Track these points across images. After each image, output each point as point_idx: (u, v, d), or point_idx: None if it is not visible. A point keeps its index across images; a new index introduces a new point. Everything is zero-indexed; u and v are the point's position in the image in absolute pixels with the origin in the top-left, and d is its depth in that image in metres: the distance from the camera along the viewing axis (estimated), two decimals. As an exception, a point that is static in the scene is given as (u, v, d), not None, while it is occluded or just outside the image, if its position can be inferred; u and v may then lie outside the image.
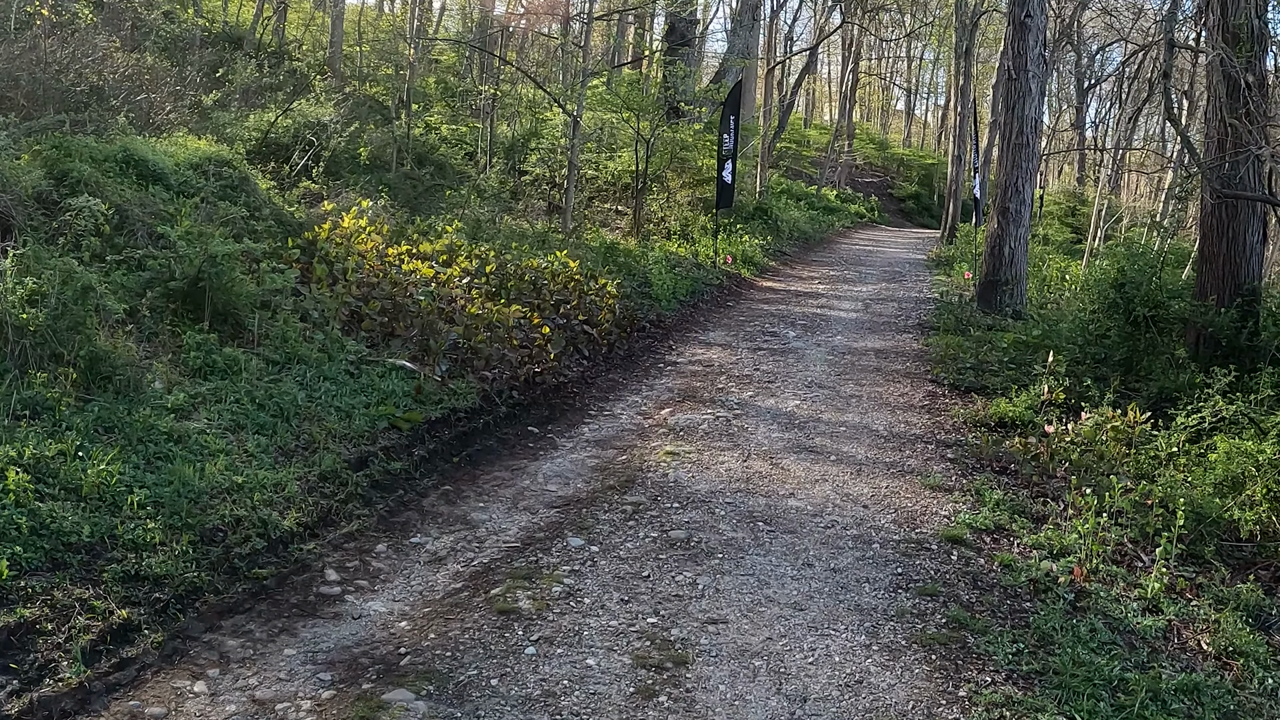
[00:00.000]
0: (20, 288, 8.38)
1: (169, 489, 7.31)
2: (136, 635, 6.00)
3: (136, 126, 15.24)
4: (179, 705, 5.53)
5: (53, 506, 6.70)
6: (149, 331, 9.57)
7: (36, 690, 5.41)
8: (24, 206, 10.34)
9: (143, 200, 11.54)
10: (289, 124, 19.14)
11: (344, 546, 7.57)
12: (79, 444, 7.46)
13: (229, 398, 8.97)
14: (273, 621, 6.46)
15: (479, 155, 25.96)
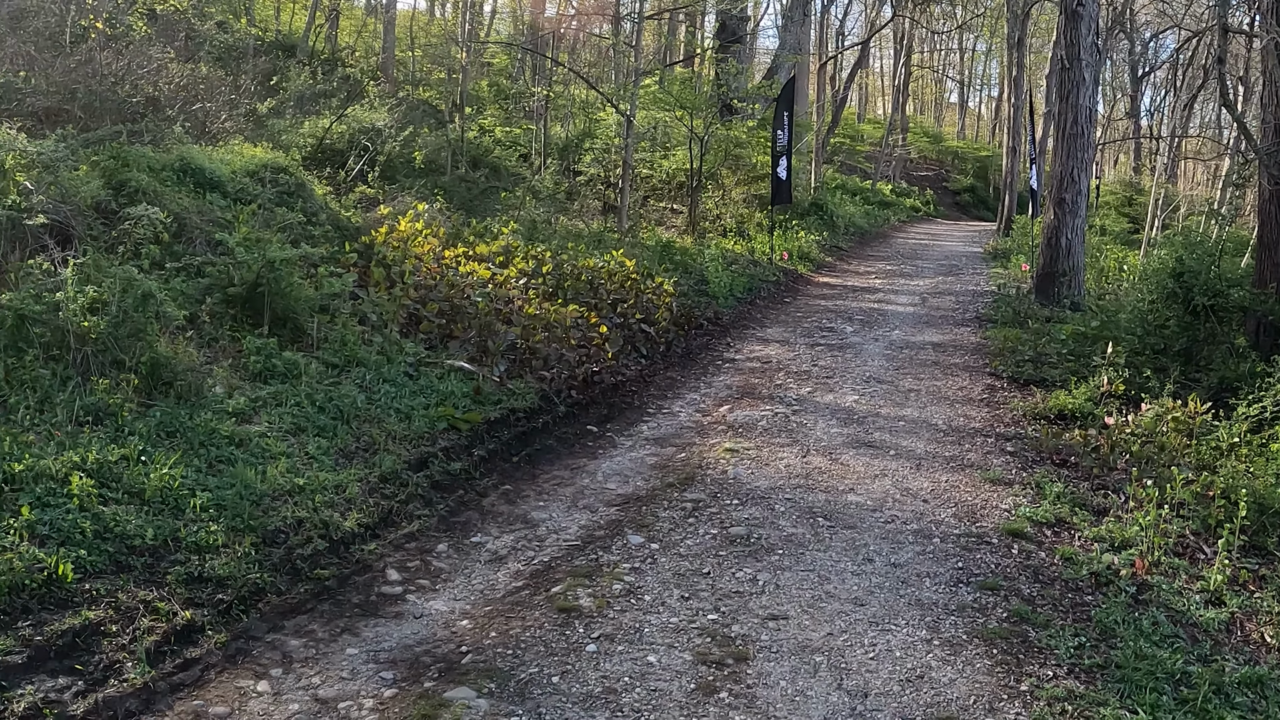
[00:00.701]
0: (81, 296, 8.48)
1: (231, 492, 7.39)
2: (200, 636, 6.06)
3: (193, 136, 15.40)
4: (242, 704, 5.58)
5: (116, 510, 6.79)
6: (209, 337, 9.69)
7: (101, 691, 5.47)
8: (83, 216, 10.48)
9: (200, 208, 11.67)
10: (343, 130, 19.26)
11: (405, 546, 7.62)
12: (141, 449, 7.56)
13: (289, 401, 9.06)
14: (335, 621, 6.50)
15: (533, 157, 26.02)
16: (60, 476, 6.90)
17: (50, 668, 5.55)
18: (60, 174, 10.70)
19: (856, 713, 5.68)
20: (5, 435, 7.21)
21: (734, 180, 28.31)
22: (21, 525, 6.36)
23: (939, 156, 61.23)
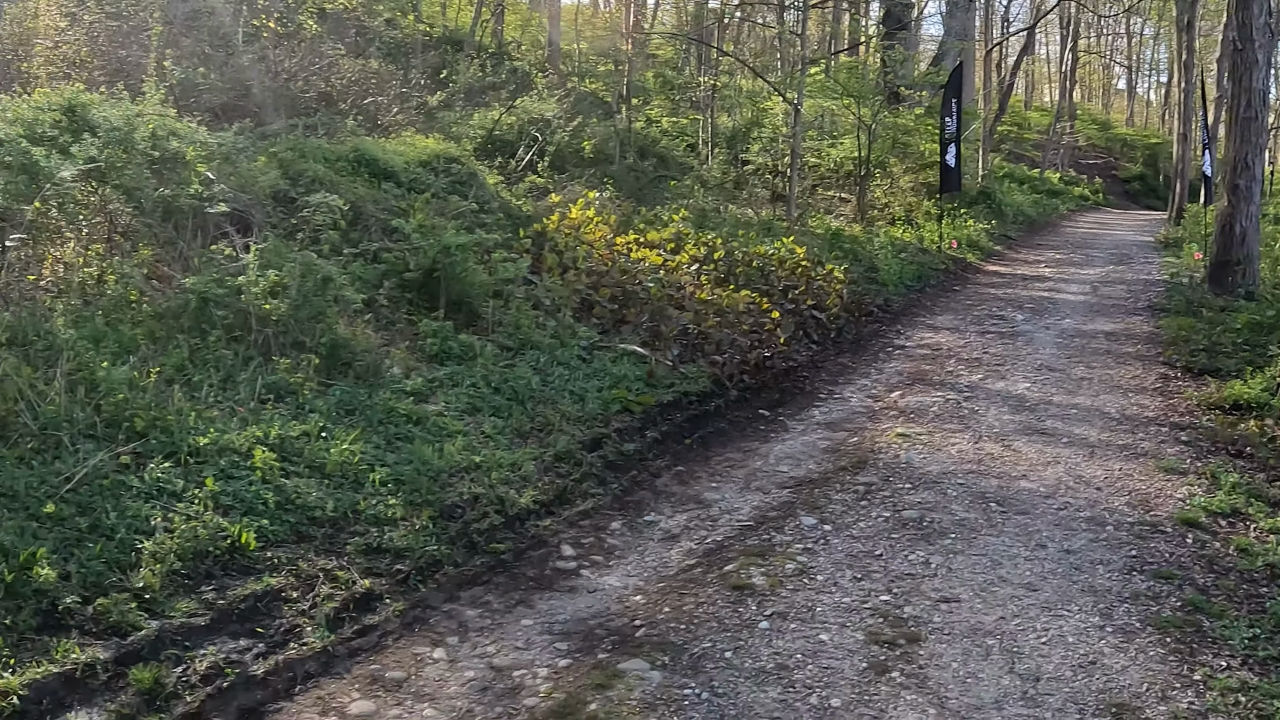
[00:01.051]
0: (263, 280, 8.87)
1: (409, 468, 7.68)
2: (378, 604, 6.32)
3: (365, 129, 15.89)
4: (419, 670, 5.80)
5: (297, 483, 7.12)
6: (386, 320, 10.05)
7: (282, 653, 5.76)
8: (261, 205, 10.94)
9: (375, 197, 12.09)
10: (512, 121, 19.62)
11: (579, 524, 7.82)
12: (322, 425, 7.91)
13: (465, 382, 9.38)
14: (510, 594, 6.71)
15: (700, 147, 26.13)
16: (244, 450, 7.27)
17: (231, 630, 5.85)
18: (239, 165, 11.17)
19: (1028, 696, 5.66)
20: (190, 411, 7.60)
21: (902, 169, 28.08)
22: (206, 496, 6.72)
23: (1107, 144, 59.72)
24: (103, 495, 6.55)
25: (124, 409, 7.39)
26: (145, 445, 7.19)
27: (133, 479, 6.76)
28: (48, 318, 8.43)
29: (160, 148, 10.24)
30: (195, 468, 7.05)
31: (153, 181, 10.19)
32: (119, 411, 7.37)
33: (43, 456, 6.88)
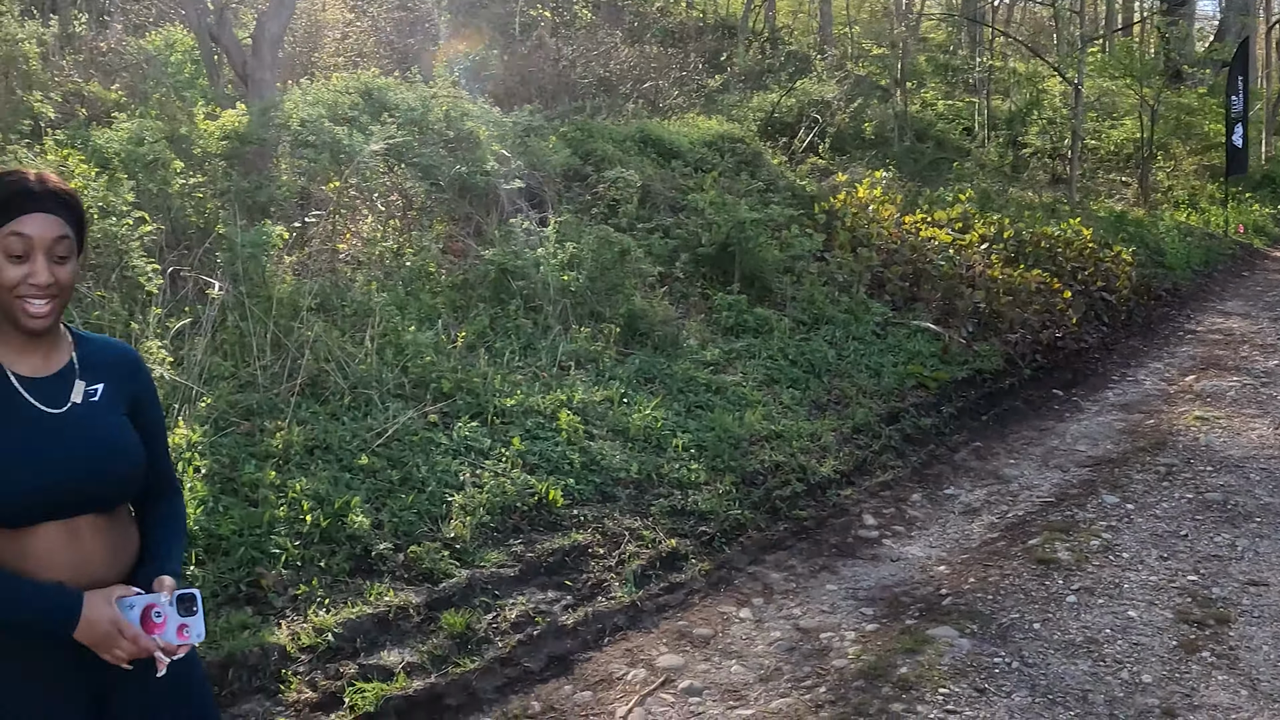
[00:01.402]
0: (560, 252, 9.13)
1: (710, 434, 7.82)
2: (684, 563, 6.45)
3: (646, 112, 16.18)
4: (725, 628, 5.89)
5: (601, 445, 7.34)
6: (680, 293, 10.23)
7: (590, 605, 5.94)
8: (554, 182, 11.24)
9: (662, 176, 12.31)
10: (792, 103, 19.68)
11: (879, 494, 7.84)
12: (623, 392, 8.14)
13: (761, 354, 9.52)
14: (813, 559, 6.76)
15: (976, 130, 25.73)
16: (548, 413, 7.54)
17: (539, 582, 6.05)
18: (531, 144, 11.50)
19: (1345, 685, 5.41)
20: (495, 375, 7.88)
21: (1184, 150, 27.03)
22: (513, 454, 6.98)
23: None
24: (413, 450, 6.87)
25: (430, 371, 7.73)
26: (452, 405, 7.51)
27: (441, 436, 7.07)
28: (349, 287, 8.86)
29: (454, 127, 10.64)
30: (501, 428, 7.34)
31: (448, 160, 10.59)
32: (426, 373, 7.71)
33: (354, 413, 7.26)
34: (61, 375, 2.66)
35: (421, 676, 5.18)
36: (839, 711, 5.04)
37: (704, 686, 5.32)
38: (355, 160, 9.55)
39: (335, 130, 9.66)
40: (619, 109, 16.78)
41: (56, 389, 2.64)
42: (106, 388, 2.71)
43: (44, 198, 2.53)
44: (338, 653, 5.24)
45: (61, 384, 2.65)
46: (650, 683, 5.35)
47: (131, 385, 2.78)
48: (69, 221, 2.58)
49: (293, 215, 9.55)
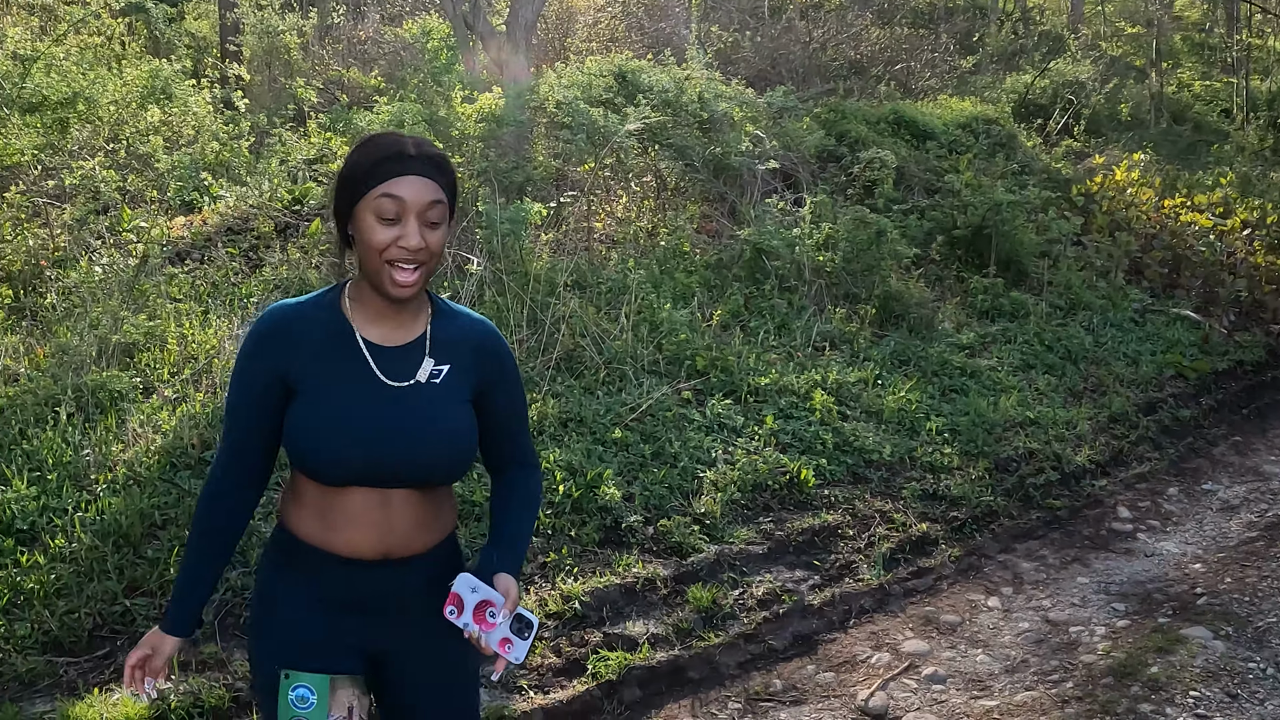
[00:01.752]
0: (816, 233, 9.12)
1: (964, 419, 7.73)
2: (934, 548, 6.39)
3: (898, 94, 16.03)
4: (972, 616, 5.82)
5: (854, 426, 7.32)
6: (935, 276, 10.13)
7: (837, 586, 5.93)
8: (808, 163, 11.22)
9: (916, 157, 12.19)
10: (1045, 84, 19.20)
11: (1135, 486, 7.64)
12: (877, 374, 8.11)
13: (1017, 339, 9.36)
14: (1065, 550, 6.62)
15: (1234, 112, 24.60)
16: (802, 392, 7.55)
17: (788, 561, 6.07)
18: (785, 125, 11.50)
19: None
20: (750, 353, 7.94)
21: None
22: (766, 433, 7.02)
23: None
24: (666, 426, 6.97)
25: (685, 348, 7.82)
26: (705, 383, 7.60)
27: (694, 413, 7.16)
28: (604, 266, 9.02)
29: (708, 109, 10.71)
30: (755, 406, 7.39)
31: (702, 141, 10.67)
32: (680, 350, 7.81)
33: (608, 388, 7.41)
34: (411, 348, 2.62)
35: (665, 648, 5.25)
36: (1085, 708, 4.93)
37: (948, 674, 5.28)
38: (611, 141, 9.71)
39: (591, 112, 9.83)
40: (871, 91, 16.67)
41: (403, 362, 2.60)
42: (453, 369, 2.64)
43: (419, 161, 2.48)
44: (583, 620, 5.36)
45: (410, 357, 2.61)
46: (894, 667, 5.33)
47: (484, 369, 2.71)
48: (443, 187, 2.52)
49: (548, 195, 9.77)
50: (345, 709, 2.64)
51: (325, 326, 2.60)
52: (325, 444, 2.53)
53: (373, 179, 2.46)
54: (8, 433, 6.11)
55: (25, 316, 7.58)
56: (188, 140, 9.77)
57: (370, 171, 2.47)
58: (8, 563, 5.16)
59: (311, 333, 2.58)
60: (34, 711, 4.46)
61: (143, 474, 5.82)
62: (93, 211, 8.63)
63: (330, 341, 2.58)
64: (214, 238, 8.83)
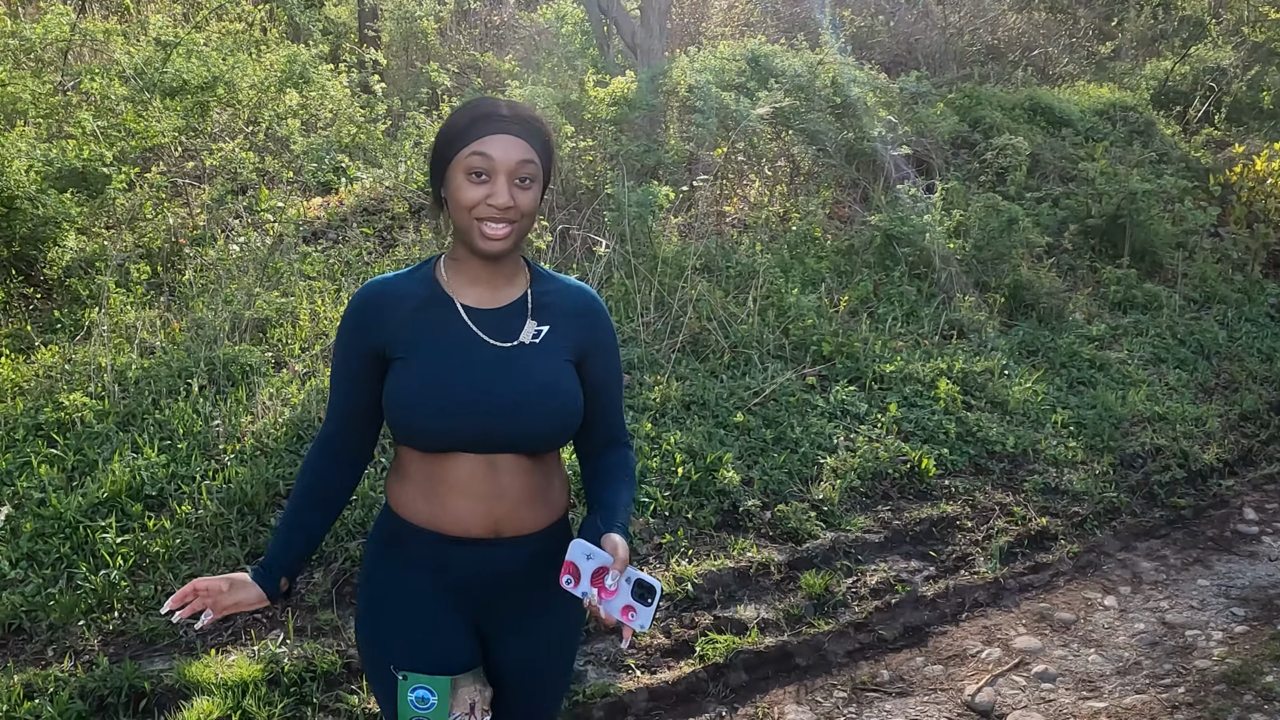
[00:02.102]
0: (947, 220, 9.03)
1: (1091, 412, 7.61)
2: (1052, 544, 6.31)
3: (1035, 79, 15.77)
4: (1087, 615, 5.74)
5: (978, 417, 7.26)
6: (1067, 265, 9.97)
7: (952, 578, 5.89)
8: (941, 149, 11.10)
9: (1051, 144, 11.98)
10: (1186, 71, 18.71)
11: (1263, 488, 7.43)
12: (1004, 363, 8.02)
13: (1149, 332, 9.18)
14: (1187, 550, 6.49)
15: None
16: (927, 381, 7.52)
17: (903, 551, 6.05)
18: (918, 110, 11.39)
19: None
20: (876, 340, 7.91)
21: None
22: (889, 420, 7.00)
23: None
24: (788, 411, 6.98)
25: (811, 334, 7.82)
26: (830, 369, 7.59)
27: (817, 399, 7.16)
28: (734, 250, 9.02)
29: (841, 94, 10.65)
30: (879, 393, 7.37)
31: (835, 126, 10.61)
32: (806, 336, 7.81)
33: (732, 371, 7.44)
34: (511, 310, 2.63)
35: (774, 634, 5.27)
36: (1195, 715, 4.85)
37: (1058, 673, 5.23)
38: (742, 125, 9.70)
39: (723, 96, 9.83)
40: (1007, 76, 16.43)
41: (504, 323, 2.60)
42: (553, 331, 2.63)
43: (510, 121, 2.49)
44: (695, 602, 5.40)
45: (510, 319, 2.61)
46: (1004, 663, 5.28)
47: (584, 333, 2.69)
48: (535, 148, 2.52)
49: (680, 179, 9.79)
50: (467, 706, 2.64)
51: (419, 296, 2.62)
52: (426, 406, 2.53)
53: (465, 138, 2.49)
54: (141, 402, 6.34)
55: (163, 292, 7.83)
56: (325, 123, 9.97)
57: (463, 131, 2.49)
58: (135, 526, 5.37)
59: (405, 302, 2.60)
60: (153, 669, 4.64)
61: (270, 445, 5.99)
62: (231, 191, 8.86)
63: (426, 308, 2.60)
64: (349, 218, 9.01)
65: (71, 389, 6.44)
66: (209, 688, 4.52)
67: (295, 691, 4.57)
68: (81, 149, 8.36)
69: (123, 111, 8.98)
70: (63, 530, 5.33)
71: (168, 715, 4.42)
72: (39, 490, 5.60)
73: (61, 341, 7.13)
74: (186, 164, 9.36)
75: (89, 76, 8.94)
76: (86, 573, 5.12)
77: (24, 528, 5.33)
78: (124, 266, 7.87)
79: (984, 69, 16.62)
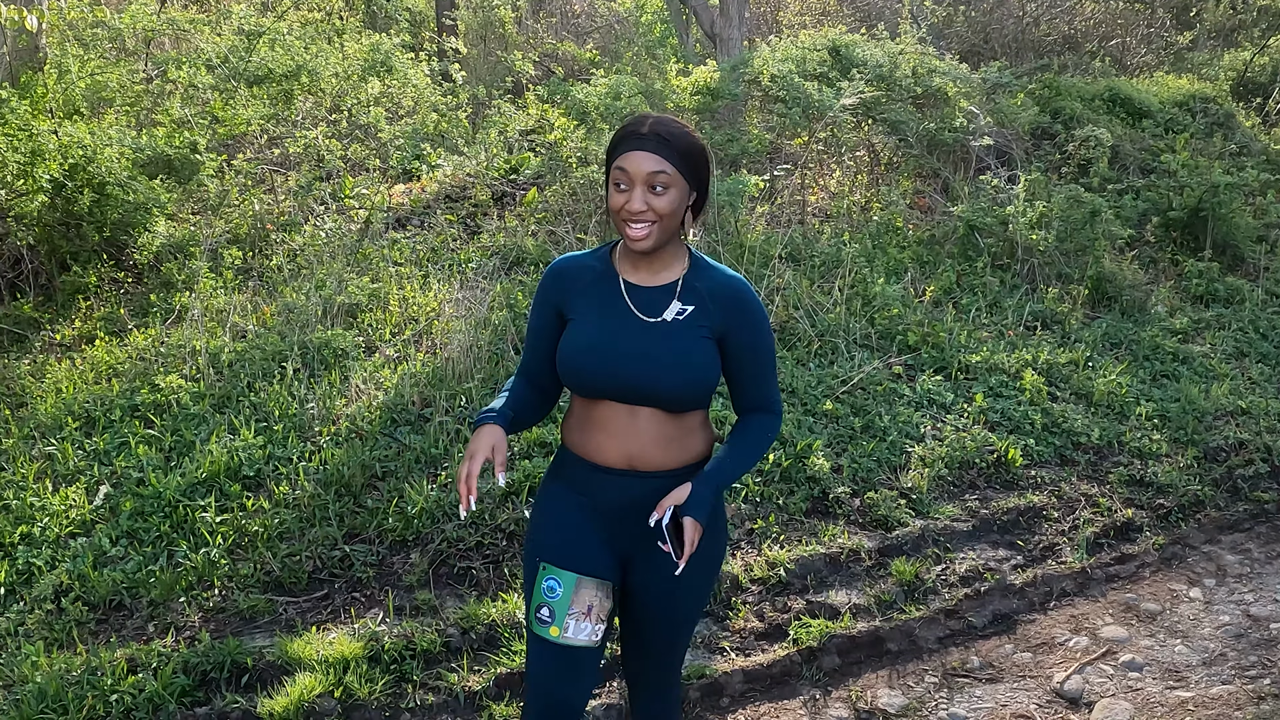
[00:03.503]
0: (1030, 210, 8.98)
1: (1175, 405, 7.54)
2: (1138, 535, 6.27)
3: (1113, 70, 15.61)
4: (1173, 606, 5.71)
5: (1064, 408, 7.22)
6: (1149, 258, 9.88)
7: (1039, 568, 5.87)
8: (1021, 140, 11.03)
9: (1131, 136, 11.86)
10: (1265, 62, 18.42)
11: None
12: (1088, 355, 7.97)
13: (1231, 325, 9.06)
14: (1271, 544, 6.42)
15: None
16: (1012, 372, 7.50)
17: (991, 540, 6.05)
18: (999, 101, 11.31)
19: None
20: (961, 330, 7.89)
21: None
22: (975, 410, 6.99)
23: None
24: (876, 399, 7.00)
25: (897, 323, 7.83)
26: (916, 358, 7.59)
27: (904, 388, 7.17)
28: (817, 239, 9.03)
29: (922, 84, 10.59)
30: (965, 383, 7.37)
31: (916, 116, 10.56)
32: (892, 325, 7.82)
33: (820, 360, 7.46)
34: (663, 291, 3.06)
35: (866, 619, 5.30)
36: (1281, 706, 4.85)
37: (1145, 662, 5.21)
38: (825, 116, 9.68)
39: (806, 86, 9.81)
40: (1085, 67, 16.28)
41: (655, 301, 3.05)
42: (696, 311, 3.04)
43: (646, 138, 2.89)
44: (787, 587, 5.45)
45: (661, 297, 3.05)
46: (1091, 652, 5.27)
47: (728, 314, 3.06)
48: (669, 158, 2.89)
49: (762, 168, 9.79)
50: (586, 606, 3.08)
51: (596, 271, 3.12)
52: (582, 361, 3.03)
53: (614, 153, 2.95)
54: (236, 385, 6.46)
55: (251, 277, 7.94)
56: (407, 111, 10.06)
57: (614, 147, 2.96)
58: (234, 506, 5.48)
59: (584, 276, 3.13)
60: (254, 645, 4.75)
61: (364, 428, 6.10)
62: (316, 178, 8.96)
63: (599, 283, 3.10)
64: (433, 205, 9.10)
65: (167, 371, 6.57)
66: (310, 664, 4.62)
67: (395, 669, 4.67)
68: (172, 136, 8.49)
69: (210, 100, 9.10)
70: (162, 509, 5.46)
71: (270, 690, 4.52)
72: (137, 470, 5.74)
73: (154, 325, 7.27)
74: (272, 151, 9.48)
75: (175, 66, 9.07)
76: (186, 550, 5.24)
77: (123, 506, 5.46)
78: (215, 251, 8.01)
79: (1061, 59, 16.47)
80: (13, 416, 6.35)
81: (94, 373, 6.77)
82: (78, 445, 5.99)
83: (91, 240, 8.00)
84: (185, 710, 4.44)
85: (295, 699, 4.42)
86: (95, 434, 6.10)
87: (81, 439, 6.06)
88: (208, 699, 4.52)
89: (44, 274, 8.22)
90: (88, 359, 6.97)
